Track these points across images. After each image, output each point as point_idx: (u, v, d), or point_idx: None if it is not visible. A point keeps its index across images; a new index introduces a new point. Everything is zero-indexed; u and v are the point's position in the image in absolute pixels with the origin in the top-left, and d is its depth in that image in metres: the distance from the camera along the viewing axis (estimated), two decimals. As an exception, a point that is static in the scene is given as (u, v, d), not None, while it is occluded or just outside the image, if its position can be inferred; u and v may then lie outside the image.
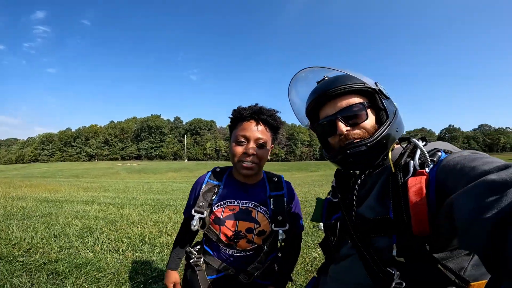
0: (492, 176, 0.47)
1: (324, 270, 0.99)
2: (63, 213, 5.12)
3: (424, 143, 0.73)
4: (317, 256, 3.34)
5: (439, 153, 0.67)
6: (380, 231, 0.70)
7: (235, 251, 1.22)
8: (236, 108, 1.22)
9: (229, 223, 1.18)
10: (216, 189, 1.21)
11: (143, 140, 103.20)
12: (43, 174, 32.48)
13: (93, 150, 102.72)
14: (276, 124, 1.19)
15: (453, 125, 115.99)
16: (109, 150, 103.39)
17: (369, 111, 0.79)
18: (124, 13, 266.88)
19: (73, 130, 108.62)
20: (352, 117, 0.78)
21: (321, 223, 1.01)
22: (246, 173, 1.14)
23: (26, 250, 2.98)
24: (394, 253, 0.64)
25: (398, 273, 0.65)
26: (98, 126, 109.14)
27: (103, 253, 3.09)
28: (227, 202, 1.20)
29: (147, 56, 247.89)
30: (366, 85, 0.79)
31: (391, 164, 0.72)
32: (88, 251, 3.13)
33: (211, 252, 1.27)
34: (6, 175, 28.90)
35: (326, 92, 0.81)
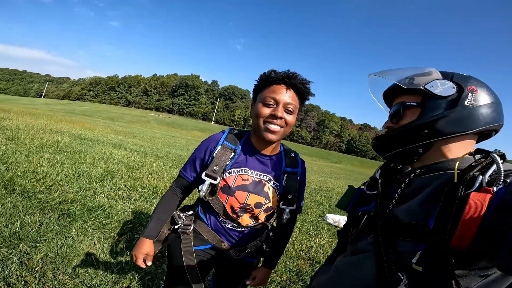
0: None
1: (331, 261, 0.97)
2: (92, 153, 5.47)
3: (502, 161, 0.66)
4: (313, 245, 3.35)
5: None
6: (410, 236, 0.68)
7: (235, 225, 1.14)
8: (265, 71, 1.12)
9: (240, 194, 1.09)
10: (232, 153, 1.11)
11: (179, 96, 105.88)
12: (84, 112, 34.97)
13: (132, 97, 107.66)
14: (307, 93, 1.12)
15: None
16: (146, 99, 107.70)
17: (415, 110, 0.78)
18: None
19: (120, 77, 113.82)
20: (394, 114, 0.84)
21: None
22: (270, 137, 1.05)
23: (47, 187, 3.15)
24: (414, 260, 0.62)
25: (407, 280, 0.64)
26: (141, 77, 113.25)
27: (116, 200, 3.30)
28: (241, 170, 1.11)
29: (200, 20, 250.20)
30: (408, 87, 0.79)
31: (455, 174, 0.65)
32: (103, 195, 3.35)
33: (206, 221, 1.18)
34: (51, 108, 31.43)
35: (387, 91, 0.91)
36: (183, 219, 1.19)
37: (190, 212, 1.22)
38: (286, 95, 1.05)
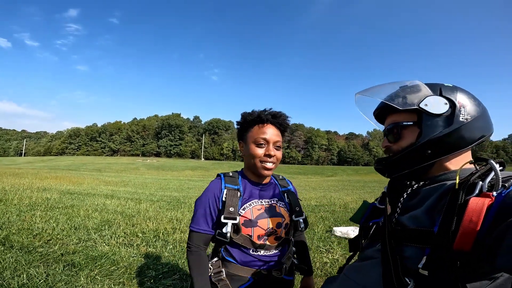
0: None
1: (342, 269, 0.98)
2: (85, 206, 5.34)
3: (501, 168, 0.71)
4: (327, 261, 3.28)
5: None
6: (415, 241, 0.69)
7: (266, 250, 1.20)
8: (249, 111, 1.26)
9: (262, 222, 1.18)
10: (238, 193, 1.19)
11: (163, 137, 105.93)
12: (69, 166, 34.17)
13: (116, 145, 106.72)
14: (288, 127, 1.28)
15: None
16: (131, 146, 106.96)
17: (412, 129, 0.81)
18: (149, 11, 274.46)
19: (99, 125, 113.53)
20: (390, 134, 0.86)
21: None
22: (267, 173, 1.20)
23: (46, 241, 3.11)
24: (420, 265, 0.64)
25: (414, 285, 0.65)
26: (122, 123, 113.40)
27: (118, 247, 3.19)
28: (253, 203, 1.21)
29: (170, 55, 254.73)
30: (404, 108, 0.80)
31: (457, 181, 0.69)
32: (104, 244, 3.24)
33: (233, 261, 1.19)
34: (34, 166, 30.65)
35: (378, 110, 0.92)
36: (211, 268, 1.19)
37: (216, 259, 1.22)
38: (274, 134, 1.20)
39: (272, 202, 1.26)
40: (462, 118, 0.76)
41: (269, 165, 1.18)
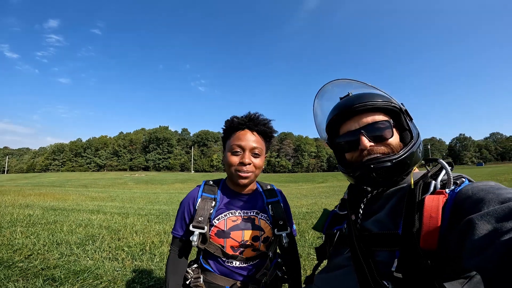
0: None
1: (311, 279, 0.99)
2: (68, 221, 5.17)
3: (450, 167, 0.73)
4: (319, 268, 3.26)
5: (464, 179, 0.68)
6: (384, 245, 0.70)
7: (241, 262, 1.16)
8: (229, 118, 1.21)
9: (235, 234, 1.14)
10: (213, 202, 1.17)
11: (151, 151, 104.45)
12: (53, 183, 32.99)
13: (102, 160, 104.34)
14: (270, 132, 1.21)
15: (463, 134, 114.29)
16: (118, 161, 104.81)
17: (394, 129, 0.80)
18: (133, 22, 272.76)
19: (84, 140, 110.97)
20: (377, 133, 0.79)
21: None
22: (243, 182, 1.13)
23: (26, 256, 3.01)
24: (393, 268, 0.64)
25: (392, 287, 0.65)
26: (107, 137, 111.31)
27: (103, 261, 3.09)
28: (228, 213, 1.17)
29: (155, 66, 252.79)
30: (393, 104, 0.81)
31: (412, 181, 0.72)
32: (88, 258, 3.13)
33: (210, 269, 1.18)
34: (16, 183, 29.44)
35: (351, 108, 0.82)
36: (191, 273, 1.18)
37: (195, 265, 1.22)
38: (250, 140, 1.13)
39: (252, 214, 1.19)
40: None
41: (244, 174, 1.12)
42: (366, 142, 0.78)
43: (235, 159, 1.12)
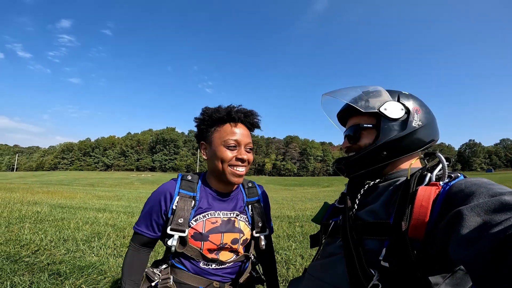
0: (507, 197, 0.49)
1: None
2: (75, 219, 5.25)
3: (448, 162, 0.75)
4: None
5: (459, 174, 0.71)
6: (374, 233, 0.72)
7: (218, 264, 1.10)
8: (213, 107, 1.12)
9: (214, 237, 1.05)
10: (192, 201, 1.06)
11: (158, 152, 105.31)
12: (61, 181, 33.55)
13: (110, 160, 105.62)
14: (258, 127, 1.17)
15: (473, 140, 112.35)
16: (125, 161, 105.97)
17: (370, 131, 0.86)
18: (142, 23, 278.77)
19: (92, 140, 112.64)
20: (352, 135, 0.90)
21: None
22: (237, 180, 1.06)
23: (33, 252, 3.07)
24: (381, 257, 0.66)
25: (379, 276, 0.66)
26: (115, 137, 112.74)
27: (107, 258, 3.13)
28: (207, 215, 1.07)
29: (164, 68, 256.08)
30: (366, 110, 0.85)
31: (409, 173, 0.75)
32: (93, 255, 3.19)
33: (184, 268, 1.08)
34: (25, 181, 30.04)
35: (341, 112, 0.98)
36: (159, 275, 1.07)
37: (164, 266, 1.11)
38: (245, 135, 1.07)
39: (232, 215, 1.12)
40: (414, 124, 0.83)
41: (240, 170, 1.05)
42: (344, 143, 0.94)
43: (230, 154, 1.03)
